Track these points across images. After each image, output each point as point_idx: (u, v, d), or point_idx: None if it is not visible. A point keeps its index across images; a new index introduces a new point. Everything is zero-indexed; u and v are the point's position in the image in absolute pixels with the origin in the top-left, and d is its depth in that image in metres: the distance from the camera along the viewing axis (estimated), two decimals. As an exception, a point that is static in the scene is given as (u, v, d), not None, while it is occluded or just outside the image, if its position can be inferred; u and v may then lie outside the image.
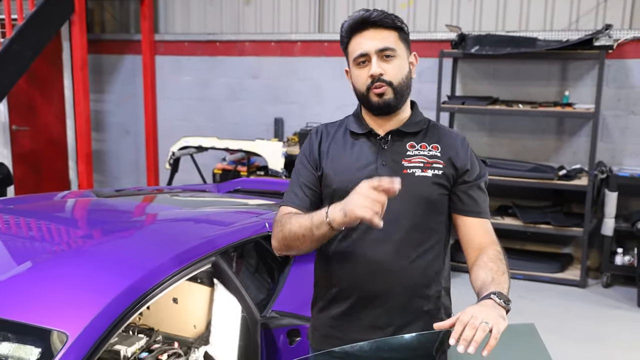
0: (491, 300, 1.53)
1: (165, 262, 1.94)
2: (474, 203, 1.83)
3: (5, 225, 2.34)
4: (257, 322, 2.27)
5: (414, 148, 1.83)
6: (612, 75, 5.29)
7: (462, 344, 1.42)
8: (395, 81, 1.77)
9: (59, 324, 1.55)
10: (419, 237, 1.82)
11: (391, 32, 1.78)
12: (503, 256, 1.75)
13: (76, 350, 1.52)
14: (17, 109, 6.66)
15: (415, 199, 1.79)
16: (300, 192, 1.87)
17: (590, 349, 4.06)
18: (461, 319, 1.45)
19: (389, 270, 1.81)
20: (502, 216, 5.41)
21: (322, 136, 1.92)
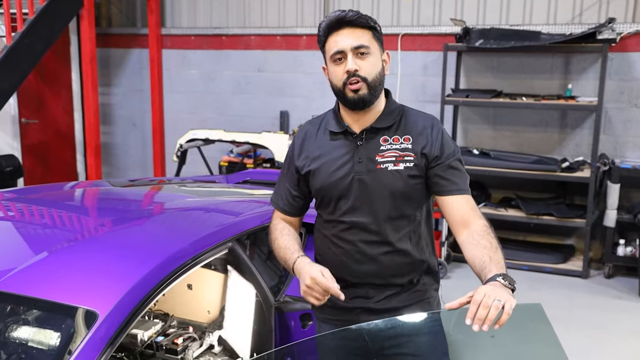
0: (498, 282, 1.62)
1: (186, 247, 2.02)
2: (450, 182, 1.94)
3: (30, 213, 2.43)
4: (271, 306, 2.35)
5: (387, 142, 1.95)
6: (614, 68, 5.35)
7: (477, 323, 1.52)
8: (369, 77, 1.89)
9: (90, 303, 1.63)
10: (397, 224, 1.97)
11: (365, 31, 1.90)
12: (490, 229, 1.86)
13: (106, 328, 1.61)
14: (27, 102, 6.74)
15: (389, 191, 1.93)
16: (285, 197, 2.10)
17: (592, 338, 4.15)
18: (475, 299, 1.55)
19: (374, 255, 1.98)
20: (506, 208, 5.48)
21: (306, 135, 2.07)
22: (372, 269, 1.99)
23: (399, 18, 6.04)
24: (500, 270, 1.67)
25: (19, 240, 2.11)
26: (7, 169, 5.73)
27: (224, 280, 2.72)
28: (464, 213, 1.90)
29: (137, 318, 1.71)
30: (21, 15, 5.28)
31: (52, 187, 3.23)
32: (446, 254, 5.35)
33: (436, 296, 2.17)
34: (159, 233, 2.23)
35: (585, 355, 3.86)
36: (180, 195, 2.93)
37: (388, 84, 2.03)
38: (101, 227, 2.25)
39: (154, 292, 1.79)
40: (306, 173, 2.02)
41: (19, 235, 2.16)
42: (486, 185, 5.79)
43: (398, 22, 6.04)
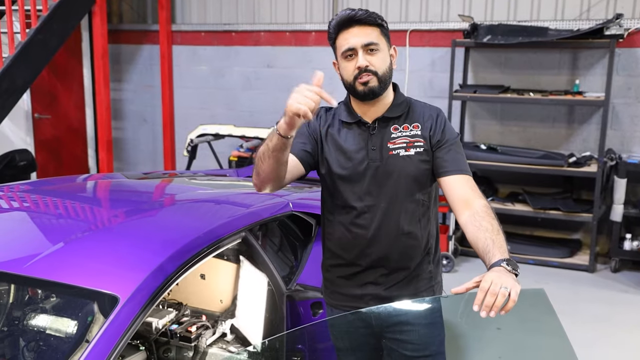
0: (503, 268, 1.68)
1: (201, 236, 2.09)
2: (450, 163, 2.04)
3: (53, 203, 2.50)
4: (283, 294, 2.42)
5: (397, 130, 2.07)
6: (622, 64, 5.38)
7: (485, 310, 1.59)
8: (379, 71, 2.00)
9: (111, 287, 1.71)
10: (408, 207, 2.07)
11: (374, 28, 2.00)
12: (491, 210, 1.93)
13: (126, 312, 1.68)
14: (39, 97, 6.84)
15: (402, 175, 2.05)
16: (297, 146, 2.05)
17: (597, 330, 4.20)
18: (482, 286, 1.61)
19: (385, 239, 2.07)
20: (513, 202, 5.53)
21: (321, 119, 2.15)
22: (384, 252, 2.08)
23: (407, 14, 6.08)
24: (503, 255, 1.73)
25: (41, 228, 2.18)
26: (21, 163, 5.82)
27: (236, 270, 2.79)
28: (464, 192, 1.99)
29: (156, 303, 1.78)
30: (35, 12, 5.37)
31: (67, 180, 3.31)
32: (453, 248, 5.40)
33: (440, 283, 2.27)
34: (175, 223, 2.30)
35: (590, 347, 3.91)
36: (194, 187, 3.00)
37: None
38: (119, 217, 2.33)
39: (171, 279, 1.86)
40: (321, 152, 2.10)
41: (40, 224, 2.23)
42: (493, 180, 5.83)
43: (406, 18, 6.08)
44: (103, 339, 1.62)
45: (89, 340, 1.63)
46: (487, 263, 1.76)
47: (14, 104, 5.31)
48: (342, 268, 2.18)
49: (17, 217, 2.31)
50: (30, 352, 1.80)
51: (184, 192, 2.88)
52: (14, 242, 2.01)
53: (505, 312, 1.58)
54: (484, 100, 5.66)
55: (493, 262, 1.72)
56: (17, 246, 1.97)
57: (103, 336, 1.62)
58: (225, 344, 2.73)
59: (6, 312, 2.01)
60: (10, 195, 2.61)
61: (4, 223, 2.23)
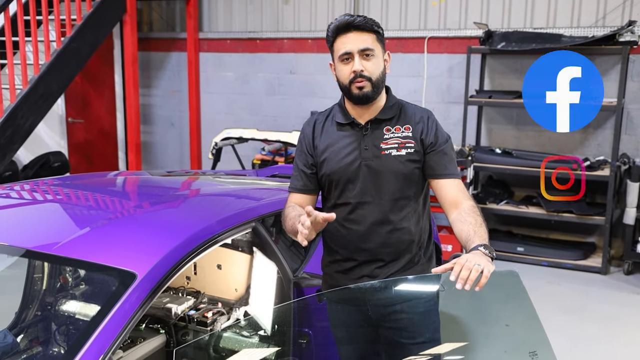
0: (479, 251, 1.85)
1: (213, 224, 2.30)
2: (442, 167, 2.20)
3: (84, 195, 2.75)
4: (290, 280, 2.61)
5: (389, 132, 2.20)
6: (636, 70, 5.47)
7: (460, 282, 1.75)
8: (373, 76, 2.12)
9: (130, 265, 1.92)
10: (400, 204, 2.20)
11: (370, 34, 2.13)
12: (477, 209, 2.11)
13: (143, 287, 1.89)
14: (73, 102, 7.17)
15: (393, 174, 2.18)
16: (300, 178, 2.29)
17: (606, 329, 4.29)
18: (459, 262, 1.79)
19: (380, 233, 2.20)
20: (527, 205, 5.64)
21: (315, 126, 2.30)
22: (378, 246, 2.22)
23: (426, 22, 6.25)
24: (482, 242, 1.90)
25: (71, 216, 2.42)
26: (55, 164, 6.14)
27: (250, 261, 3.00)
28: (454, 195, 2.15)
29: (170, 281, 1.98)
30: (70, 21, 5.68)
31: (95, 176, 3.57)
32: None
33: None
34: (190, 212, 2.52)
35: (596, 343, 4.01)
36: (211, 183, 3.22)
37: (415, 85, 2.26)
38: (141, 207, 2.55)
39: (183, 261, 2.06)
40: (318, 159, 2.25)
41: (70, 213, 2.47)
42: (509, 183, 5.95)
43: (425, 26, 6.25)
44: (121, 311, 1.82)
45: (109, 312, 1.84)
46: (467, 249, 1.93)
47: (49, 108, 5.61)
48: (339, 263, 2.31)
49: (51, 206, 2.55)
50: (58, 322, 2.02)
51: (200, 187, 3.10)
52: (47, 227, 2.25)
53: (479, 287, 1.74)
54: (499, 105, 5.79)
55: (471, 247, 1.89)
56: (50, 231, 2.20)
57: (121, 308, 1.83)
58: (239, 329, 2.93)
59: (43, 290, 2.25)
60: (44, 189, 2.86)
61: (39, 211, 2.47)
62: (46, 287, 2.34)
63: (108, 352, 1.71)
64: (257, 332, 2.79)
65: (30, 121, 5.34)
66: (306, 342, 2.69)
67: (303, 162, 2.29)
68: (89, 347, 1.70)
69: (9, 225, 2.26)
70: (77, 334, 1.75)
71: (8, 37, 5.22)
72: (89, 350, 1.70)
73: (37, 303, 2.39)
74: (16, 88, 5.27)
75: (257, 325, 2.87)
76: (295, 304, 2.67)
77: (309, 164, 2.28)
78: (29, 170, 6.01)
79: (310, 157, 2.28)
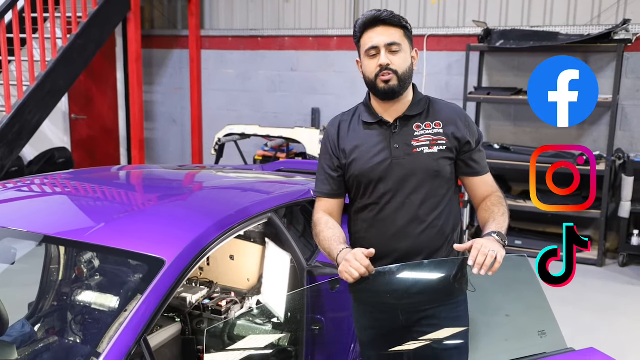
0: (492, 237, 1.97)
1: (233, 214, 2.40)
2: (477, 165, 2.21)
3: (103, 186, 2.85)
4: (304, 269, 2.72)
5: (419, 128, 2.15)
6: (631, 67, 5.60)
7: (477, 267, 1.87)
8: (400, 70, 2.09)
9: (159, 251, 2.02)
10: (432, 202, 2.17)
11: (398, 29, 2.10)
12: (503, 200, 2.19)
13: (171, 272, 1.99)
14: (76, 99, 7.26)
15: (425, 172, 2.13)
16: (327, 182, 2.24)
17: (602, 318, 4.43)
18: (475, 246, 1.89)
19: (409, 233, 2.16)
20: (525, 200, 5.76)
21: (340, 127, 2.23)
22: (409, 246, 2.17)
23: (425, 20, 6.37)
24: (497, 229, 2.01)
25: (94, 206, 2.52)
26: (59, 160, 6.23)
27: (262, 251, 3.10)
28: (485, 190, 2.21)
29: (196, 266, 2.09)
30: (76, 18, 5.76)
31: (106, 169, 3.67)
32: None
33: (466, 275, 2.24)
34: (211, 203, 2.62)
35: (593, 332, 4.15)
36: (224, 176, 3.33)
37: (415, 81, 2.22)
38: (162, 198, 2.66)
39: (207, 248, 2.17)
40: (345, 161, 2.19)
41: (93, 203, 2.57)
42: (507, 178, 6.08)
43: (424, 24, 6.36)
44: (152, 296, 1.93)
45: (139, 297, 1.94)
46: (483, 234, 2.04)
47: (55, 104, 5.70)
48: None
49: (75, 197, 2.64)
50: (92, 307, 2.12)
51: (218, 180, 3.21)
52: (74, 217, 2.35)
53: (492, 272, 1.86)
54: (497, 102, 5.91)
55: (486, 233, 2.01)
56: (79, 220, 2.30)
57: (152, 293, 1.93)
58: (252, 317, 3.03)
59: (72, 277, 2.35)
60: (62, 181, 2.96)
61: (65, 202, 2.57)
62: (76, 274, 2.45)
63: (142, 333, 1.82)
64: (271, 319, 2.91)
65: (38, 117, 5.43)
66: (319, 329, 2.81)
67: (329, 164, 2.24)
68: (124, 329, 1.80)
69: (36, 215, 2.36)
70: (112, 319, 1.85)
71: (16, 34, 5.30)
72: (124, 332, 1.79)
73: (68, 289, 2.49)
74: (23, 84, 5.35)
75: (271, 312, 2.99)
76: (308, 291, 2.78)
77: (335, 166, 2.22)
78: (34, 166, 6.10)
79: (336, 159, 2.22)
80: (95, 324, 2.09)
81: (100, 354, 1.73)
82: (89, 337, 2.08)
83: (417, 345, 2.22)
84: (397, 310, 2.22)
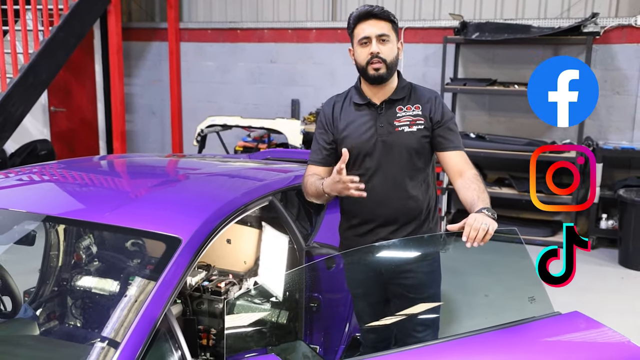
0: (483, 213, 2.14)
1: (238, 197, 2.54)
2: (448, 140, 2.49)
3: (110, 173, 2.96)
4: (302, 249, 2.86)
5: (401, 110, 2.48)
6: (599, 59, 5.86)
7: (470, 241, 2.06)
8: (388, 59, 2.41)
9: (175, 231, 2.14)
10: (411, 175, 2.48)
11: (387, 23, 2.43)
12: (480, 177, 2.42)
13: (188, 250, 2.12)
14: (55, 91, 7.25)
15: (405, 148, 2.46)
16: (320, 152, 2.56)
17: (575, 296, 4.65)
18: (468, 223, 2.09)
19: (392, 200, 2.48)
20: (500, 187, 6.00)
21: (334, 106, 2.58)
22: (391, 212, 2.50)
23: (401, 13, 6.54)
24: (485, 205, 2.19)
25: (105, 190, 2.63)
26: (42, 152, 6.24)
27: (259, 234, 3.24)
28: (459, 164, 2.46)
29: (209, 245, 2.22)
30: (57, 10, 5.78)
31: (101, 158, 3.76)
32: (445, 229, 5.86)
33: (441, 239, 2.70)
34: (216, 187, 2.76)
35: (565, 309, 4.37)
36: (222, 163, 3.45)
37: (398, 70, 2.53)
38: (168, 183, 2.78)
39: (218, 227, 2.29)
40: (338, 136, 2.52)
41: (103, 189, 2.68)
42: (482, 166, 6.30)
43: (401, 16, 6.53)
44: (171, 273, 2.05)
45: (160, 273, 2.06)
46: (472, 212, 2.21)
47: (38, 96, 5.72)
48: (356, 228, 2.58)
49: (81, 184, 2.74)
50: (114, 285, 2.23)
51: (216, 167, 3.33)
52: (90, 200, 2.46)
53: (484, 242, 2.04)
54: (473, 93, 6.12)
55: (476, 210, 2.18)
56: (94, 203, 2.41)
57: (171, 270, 2.05)
58: (250, 297, 3.17)
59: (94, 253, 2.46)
60: (61, 171, 3.04)
61: (75, 189, 2.67)
62: (96, 254, 2.55)
63: (164, 310, 1.94)
64: (269, 298, 3.04)
65: (21, 110, 5.45)
66: (316, 306, 2.96)
67: (324, 138, 2.56)
68: (148, 305, 1.92)
69: (51, 200, 2.45)
70: (135, 296, 1.96)
71: (-2, 25, 5.32)
72: (148, 309, 1.91)
73: (89, 268, 2.59)
74: (7, 77, 5.37)
75: (268, 293, 3.12)
76: (306, 269, 2.92)
77: (329, 140, 2.55)
78: (17, 158, 6.11)
79: (331, 134, 2.54)
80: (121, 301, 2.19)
81: (129, 327, 1.84)
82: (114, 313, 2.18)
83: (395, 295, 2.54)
84: (381, 268, 2.57)
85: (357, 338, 3.03)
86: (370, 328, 2.72)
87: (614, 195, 5.53)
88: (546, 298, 2.17)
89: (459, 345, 1.98)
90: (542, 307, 2.17)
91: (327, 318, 3.02)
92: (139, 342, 1.81)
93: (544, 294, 2.17)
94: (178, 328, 1.95)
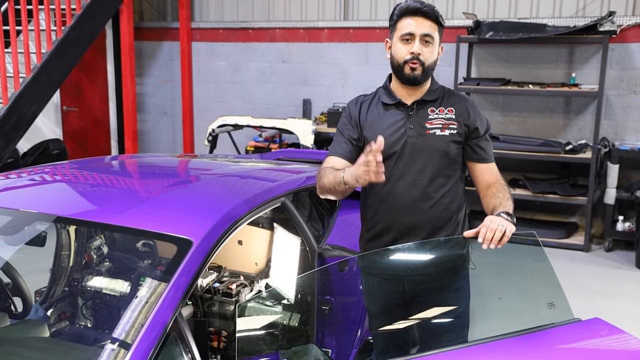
0: (501, 216, 2.09)
1: (250, 198, 2.50)
2: (483, 152, 2.38)
3: (114, 174, 2.94)
4: (315, 251, 2.83)
5: (434, 112, 2.33)
6: (615, 58, 5.78)
7: (486, 242, 2.01)
8: (427, 62, 2.27)
9: (186, 232, 2.11)
10: (440, 182, 2.34)
11: (434, 24, 2.27)
12: (506, 186, 2.33)
13: (199, 252, 2.08)
14: (68, 91, 7.26)
15: (436, 153, 2.32)
16: (344, 145, 2.38)
17: (590, 300, 4.60)
18: (484, 224, 2.03)
19: (417, 209, 2.33)
20: (514, 187, 5.93)
21: (361, 106, 2.42)
22: (417, 221, 2.34)
23: (414, 12, 6.47)
24: (505, 210, 2.14)
25: (117, 192, 2.60)
26: (54, 151, 6.24)
27: (270, 236, 3.20)
28: (489, 178, 2.36)
29: (220, 247, 2.18)
30: (70, 10, 5.78)
31: (113, 158, 3.75)
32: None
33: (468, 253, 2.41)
34: (228, 188, 2.73)
35: (583, 315, 4.30)
36: (233, 164, 3.43)
37: None
38: (180, 184, 2.75)
39: (230, 229, 2.26)
40: (363, 135, 2.36)
41: (114, 189, 2.65)
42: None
43: (414, 15, 6.47)
44: (183, 275, 2.02)
45: (172, 275, 2.03)
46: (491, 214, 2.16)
47: (51, 96, 5.72)
48: (379, 239, 2.41)
49: (92, 184, 2.72)
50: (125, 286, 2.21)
51: (227, 167, 3.30)
52: (101, 201, 2.44)
53: (501, 245, 1.99)
54: (486, 92, 6.06)
55: (495, 214, 2.13)
56: (105, 204, 2.39)
57: (182, 272, 2.01)
58: (262, 299, 3.14)
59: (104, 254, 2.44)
60: (77, 169, 3.03)
61: (86, 189, 2.65)
62: (107, 255, 2.53)
63: (175, 313, 1.91)
64: (281, 301, 3.01)
65: (34, 109, 5.45)
66: (329, 309, 2.92)
67: (350, 133, 2.39)
68: (159, 307, 1.89)
69: (62, 200, 2.43)
70: (146, 298, 1.93)
71: (12, 25, 5.31)
72: (159, 311, 1.88)
73: (100, 269, 2.57)
74: (20, 76, 5.38)
75: (279, 295, 3.09)
76: (318, 272, 2.89)
77: (355, 137, 2.38)
78: (29, 158, 6.11)
79: (357, 131, 2.38)
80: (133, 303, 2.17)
81: (140, 329, 1.82)
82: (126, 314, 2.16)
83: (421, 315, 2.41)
84: (403, 282, 2.41)
85: (370, 341, 2.99)
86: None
87: (630, 196, 5.44)
88: (566, 304, 2.11)
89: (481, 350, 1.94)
90: (561, 313, 2.11)
91: (340, 321, 2.98)
92: (150, 345, 1.79)
93: (563, 300, 2.11)
94: (188, 330, 1.92)
